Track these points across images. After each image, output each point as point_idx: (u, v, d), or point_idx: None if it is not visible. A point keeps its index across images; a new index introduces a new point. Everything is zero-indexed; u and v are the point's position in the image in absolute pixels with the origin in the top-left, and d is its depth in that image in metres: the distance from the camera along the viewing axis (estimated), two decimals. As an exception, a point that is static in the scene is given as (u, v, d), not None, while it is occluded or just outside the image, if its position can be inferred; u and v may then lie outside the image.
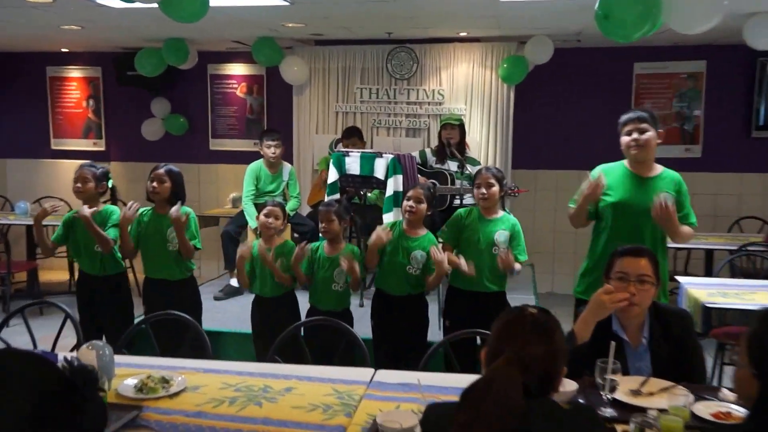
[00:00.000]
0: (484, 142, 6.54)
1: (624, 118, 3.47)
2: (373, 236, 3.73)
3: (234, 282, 5.55)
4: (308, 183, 6.67)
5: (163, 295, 3.92)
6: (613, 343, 2.28)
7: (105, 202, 4.18)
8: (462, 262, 3.62)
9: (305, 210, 6.26)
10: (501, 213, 3.79)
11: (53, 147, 8.12)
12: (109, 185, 4.12)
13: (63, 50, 7.82)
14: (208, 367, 2.66)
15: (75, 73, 7.99)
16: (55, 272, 7.74)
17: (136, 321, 4.68)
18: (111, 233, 3.98)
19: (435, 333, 4.04)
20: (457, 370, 2.88)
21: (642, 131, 3.41)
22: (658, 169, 3.51)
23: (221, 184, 7.81)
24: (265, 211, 3.95)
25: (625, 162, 3.53)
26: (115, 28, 6.11)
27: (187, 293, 4.04)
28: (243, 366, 2.67)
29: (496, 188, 3.70)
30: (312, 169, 6.85)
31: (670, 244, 3.56)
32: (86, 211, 3.92)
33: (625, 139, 3.43)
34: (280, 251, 3.92)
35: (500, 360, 1.58)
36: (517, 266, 3.65)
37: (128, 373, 2.51)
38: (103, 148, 8.01)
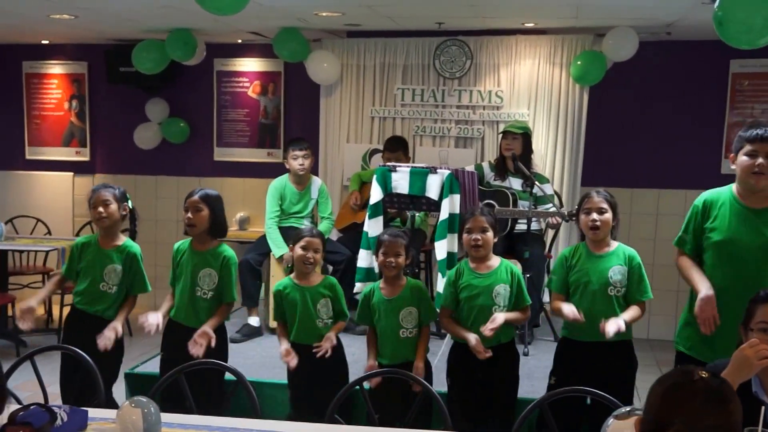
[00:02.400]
0: (550, 154, 6.57)
1: (750, 133, 3.32)
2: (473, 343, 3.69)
3: (253, 321, 5.58)
4: (337, 201, 6.72)
5: (185, 342, 3.93)
6: (763, 409, 2.29)
7: (124, 231, 4.24)
8: (571, 310, 3.60)
9: (334, 234, 6.30)
10: (614, 245, 3.75)
11: (28, 156, 8.20)
12: (130, 206, 4.19)
13: (43, 42, 7.94)
14: (266, 428, 2.69)
15: (56, 69, 8.10)
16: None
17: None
18: (142, 287, 4.10)
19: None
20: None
21: None
22: None
23: (228, 202, 7.67)
24: (302, 242, 3.90)
25: (733, 188, 3.48)
26: (112, 18, 6.21)
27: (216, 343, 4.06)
28: (305, 428, 2.70)
29: (609, 215, 3.67)
30: (342, 184, 6.91)
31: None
32: (108, 340, 3.89)
33: (744, 161, 3.33)
34: (321, 291, 3.91)
35: None
36: (619, 324, 3.56)
37: (174, 436, 2.55)
38: (87, 158, 8.10)
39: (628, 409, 2.26)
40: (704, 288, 3.36)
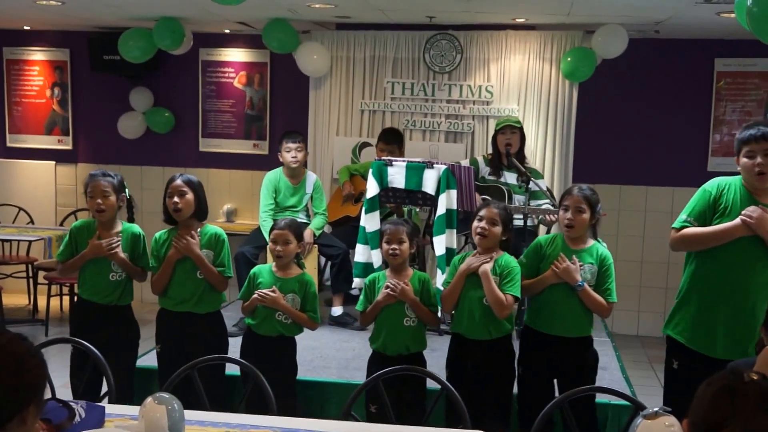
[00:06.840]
0: (540, 149, 6.59)
1: (746, 134, 3.42)
2: (470, 262, 3.71)
3: (250, 314, 5.52)
4: (327, 195, 6.65)
5: (183, 331, 3.93)
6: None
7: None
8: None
9: (326, 228, 6.25)
10: (590, 242, 3.78)
11: (9, 144, 8.06)
12: (127, 195, 4.13)
13: (25, 28, 7.79)
14: (284, 425, 2.65)
15: (38, 55, 7.96)
16: (10, 295, 7.62)
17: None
18: (148, 262, 4.08)
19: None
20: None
21: None
22: None
23: (213, 193, 7.74)
24: (272, 236, 3.94)
25: (742, 180, 3.54)
26: (100, 5, 6.10)
27: (214, 330, 4.03)
28: (331, 425, 2.68)
29: (586, 215, 3.68)
30: (332, 177, 6.86)
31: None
32: (121, 253, 3.99)
33: (746, 162, 3.41)
34: (293, 286, 3.89)
35: None
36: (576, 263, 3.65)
37: (195, 433, 2.51)
38: (69, 147, 7.97)
39: (656, 409, 2.27)
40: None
